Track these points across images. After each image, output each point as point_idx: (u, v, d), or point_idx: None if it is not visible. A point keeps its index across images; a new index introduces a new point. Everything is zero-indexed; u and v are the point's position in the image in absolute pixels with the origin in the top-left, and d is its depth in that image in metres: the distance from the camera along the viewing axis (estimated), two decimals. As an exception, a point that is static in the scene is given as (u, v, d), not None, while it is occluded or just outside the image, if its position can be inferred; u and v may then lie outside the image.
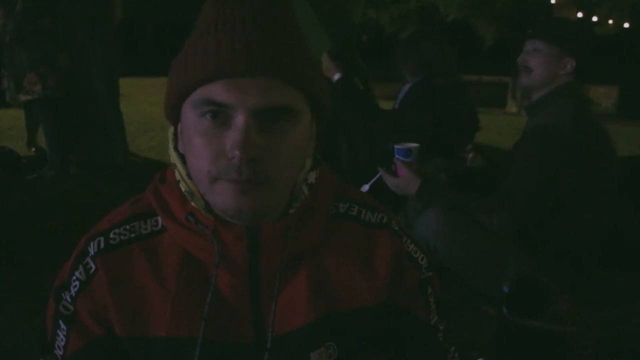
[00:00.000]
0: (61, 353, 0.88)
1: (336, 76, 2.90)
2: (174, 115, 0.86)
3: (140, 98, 4.90)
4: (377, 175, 2.33)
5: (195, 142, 0.79)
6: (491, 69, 9.52)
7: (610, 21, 9.99)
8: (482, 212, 2.05)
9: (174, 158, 0.88)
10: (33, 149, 4.84)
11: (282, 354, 0.85)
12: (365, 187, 2.32)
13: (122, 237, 0.87)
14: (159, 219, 0.88)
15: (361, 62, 3.51)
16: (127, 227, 0.88)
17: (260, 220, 0.83)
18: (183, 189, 0.86)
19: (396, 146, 2.33)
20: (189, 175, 0.86)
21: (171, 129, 0.89)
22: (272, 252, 0.83)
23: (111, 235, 0.87)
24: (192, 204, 0.85)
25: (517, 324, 1.55)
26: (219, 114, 0.77)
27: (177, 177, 0.88)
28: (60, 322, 0.88)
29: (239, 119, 0.76)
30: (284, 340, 0.85)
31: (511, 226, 2.02)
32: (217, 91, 0.76)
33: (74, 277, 0.87)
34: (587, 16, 9.66)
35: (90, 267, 0.86)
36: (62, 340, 0.87)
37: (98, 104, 4.13)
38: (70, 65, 3.76)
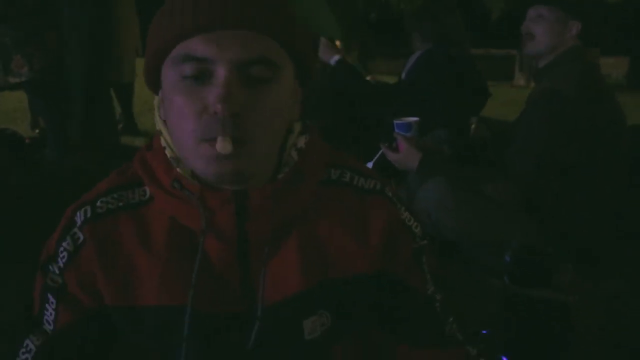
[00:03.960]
0: (51, 327, 0.86)
1: (334, 58, 2.94)
2: (154, 81, 0.84)
3: (143, 77, 4.86)
4: (380, 152, 2.31)
5: (176, 102, 0.77)
6: (498, 42, 9.40)
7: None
8: (486, 181, 2.02)
9: (159, 125, 0.87)
10: (37, 130, 4.84)
11: (274, 323, 0.84)
12: (369, 165, 2.30)
13: (109, 205, 0.86)
14: (147, 188, 0.86)
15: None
16: (115, 195, 0.87)
17: (244, 183, 0.81)
18: (169, 155, 0.84)
19: (396, 121, 2.32)
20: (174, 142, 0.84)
21: (157, 97, 0.87)
22: (261, 218, 0.82)
23: (98, 204, 0.86)
24: (178, 169, 0.83)
25: (520, 294, 1.53)
26: (200, 75, 0.75)
27: (163, 143, 0.86)
28: (49, 295, 0.86)
29: (220, 73, 0.74)
30: (275, 308, 0.84)
31: (515, 194, 1.99)
32: (196, 45, 0.75)
33: (62, 249, 0.85)
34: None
35: (79, 237, 0.85)
36: (50, 314, 0.86)
37: (90, 83, 4.08)
38: (58, 45, 3.71)
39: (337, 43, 3.58)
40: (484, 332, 1.64)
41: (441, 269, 0.99)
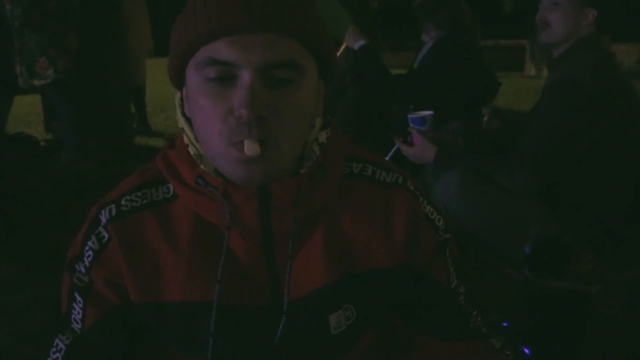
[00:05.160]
0: (79, 327, 0.87)
1: (359, 43, 2.95)
2: (178, 79, 0.84)
3: (155, 78, 4.87)
4: (395, 147, 2.31)
5: (201, 104, 0.78)
6: (508, 32, 9.34)
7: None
8: (502, 172, 2.01)
9: (181, 122, 0.87)
10: (51, 134, 4.87)
11: (300, 317, 0.84)
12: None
13: (133, 203, 0.86)
14: (170, 186, 0.87)
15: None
16: (139, 194, 0.87)
17: (271, 182, 0.81)
18: (192, 152, 0.85)
19: (410, 115, 2.32)
20: (197, 139, 0.84)
21: (178, 94, 0.87)
22: (284, 213, 0.82)
23: (122, 202, 0.86)
24: (201, 166, 0.83)
25: (540, 285, 1.52)
26: (225, 78, 0.76)
27: (186, 141, 0.86)
28: (76, 294, 0.87)
29: (245, 77, 0.74)
30: (300, 302, 0.84)
31: (532, 184, 1.98)
32: (220, 49, 0.75)
33: (87, 248, 0.86)
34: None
35: (104, 236, 0.86)
36: (78, 313, 0.87)
37: (109, 85, 4.11)
38: (79, 47, 3.75)
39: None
40: (505, 324, 1.64)
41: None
